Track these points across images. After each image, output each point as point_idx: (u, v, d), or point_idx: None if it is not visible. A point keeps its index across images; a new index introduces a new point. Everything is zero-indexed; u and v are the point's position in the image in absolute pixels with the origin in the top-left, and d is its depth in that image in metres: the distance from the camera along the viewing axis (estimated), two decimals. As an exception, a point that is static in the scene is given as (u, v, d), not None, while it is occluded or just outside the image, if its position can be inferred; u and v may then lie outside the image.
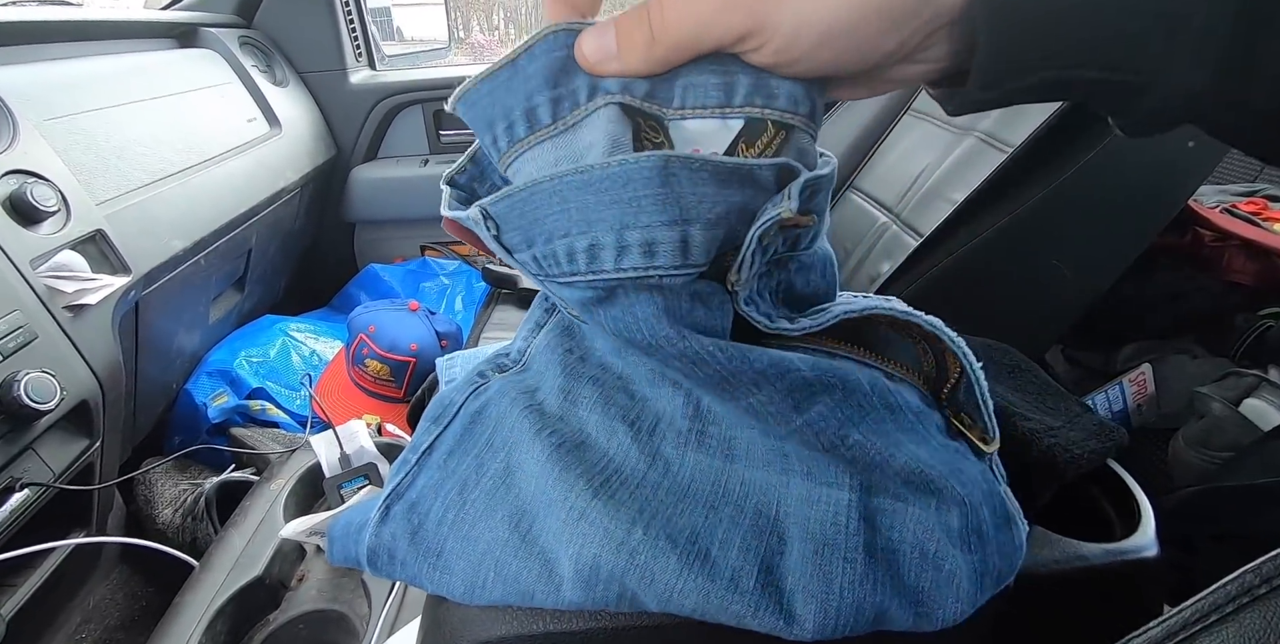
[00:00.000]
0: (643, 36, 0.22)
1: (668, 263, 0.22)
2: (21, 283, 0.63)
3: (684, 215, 0.22)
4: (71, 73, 0.86)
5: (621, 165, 0.22)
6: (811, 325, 0.25)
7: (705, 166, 0.22)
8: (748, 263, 0.23)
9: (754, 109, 0.23)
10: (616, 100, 0.23)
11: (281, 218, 1.18)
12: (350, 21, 1.36)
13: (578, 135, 0.24)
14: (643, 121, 0.23)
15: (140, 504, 0.92)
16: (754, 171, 0.22)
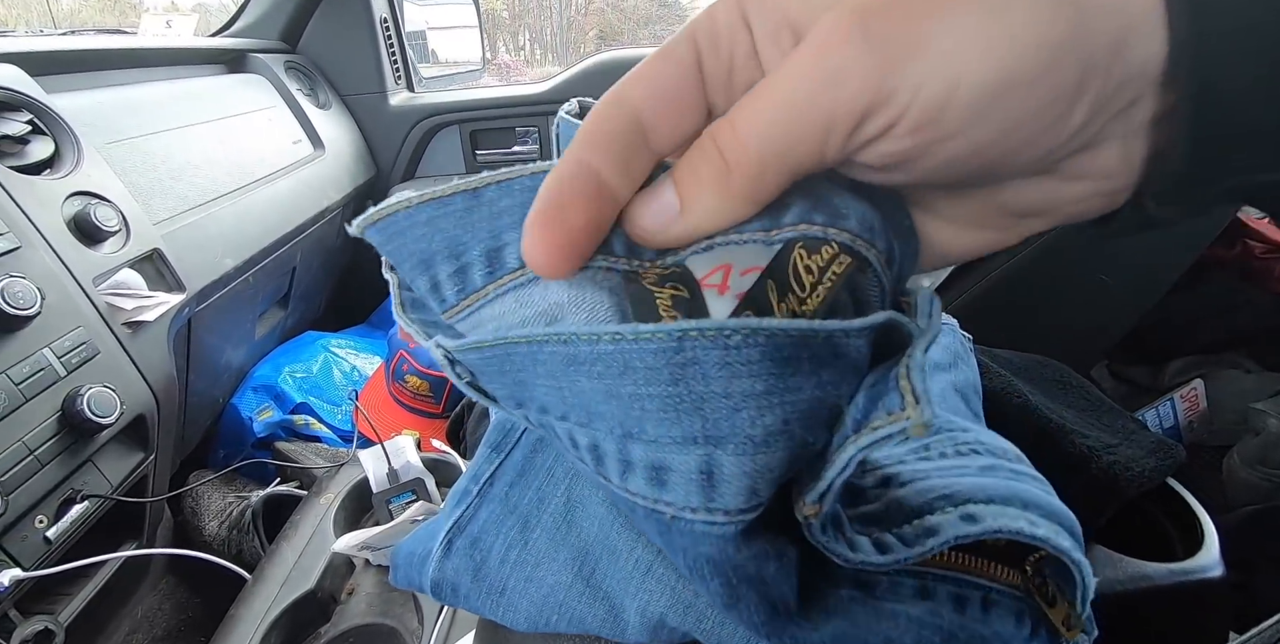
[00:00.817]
0: (712, 171, 0.15)
1: (681, 500, 0.16)
2: (85, 300, 0.66)
3: (708, 432, 0.14)
4: (129, 98, 0.89)
5: (616, 344, 0.14)
6: (907, 556, 0.18)
7: (753, 341, 0.13)
8: (835, 492, 0.15)
9: (812, 227, 0.15)
10: (620, 267, 0.16)
11: (324, 236, 1.21)
12: (390, 46, 1.40)
13: (548, 289, 0.17)
14: (648, 284, 0.16)
15: (187, 516, 0.94)
16: (835, 342, 0.14)
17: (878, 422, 0.14)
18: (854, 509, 0.19)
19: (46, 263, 0.63)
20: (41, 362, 0.59)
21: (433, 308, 0.19)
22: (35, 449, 0.57)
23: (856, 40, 0.13)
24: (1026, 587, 0.21)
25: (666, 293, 0.15)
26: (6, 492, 0.54)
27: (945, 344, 0.50)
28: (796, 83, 0.13)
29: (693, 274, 0.16)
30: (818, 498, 0.15)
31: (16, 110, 0.70)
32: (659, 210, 0.15)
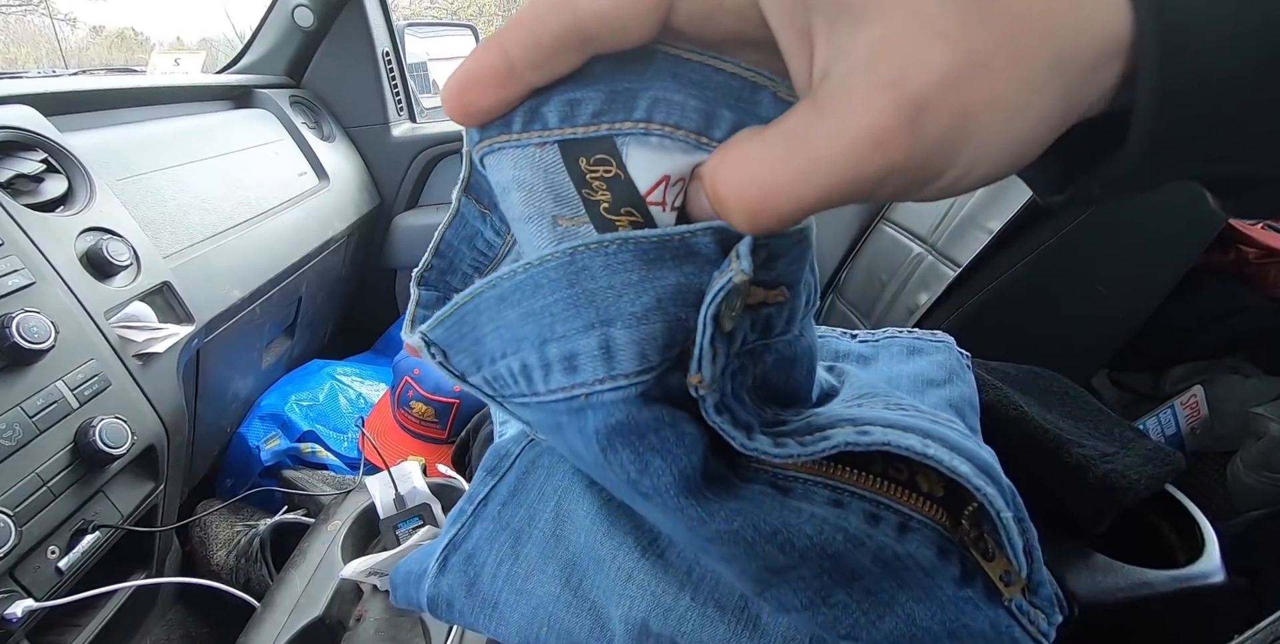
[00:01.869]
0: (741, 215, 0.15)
1: (590, 376, 0.19)
2: (97, 333, 0.67)
3: (601, 316, 0.18)
4: (140, 135, 0.92)
5: (527, 272, 0.18)
6: (801, 453, 0.20)
7: (625, 247, 0.18)
8: (708, 355, 0.18)
9: None
10: (554, 138, 0.18)
11: (330, 266, 1.23)
12: (392, 78, 1.43)
13: (500, 162, 0.19)
14: (586, 164, 0.18)
15: (195, 546, 0.94)
16: (689, 240, 0.18)
17: (717, 286, 0.17)
18: (773, 428, 0.21)
19: (60, 298, 0.64)
20: (55, 394, 0.61)
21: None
22: (49, 480, 0.58)
23: (905, 137, 0.14)
24: (962, 538, 0.23)
25: (625, 219, 0.19)
26: (21, 523, 0.55)
27: (940, 361, 0.50)
28: (840, 151, 0.14)
29: (638, 190, 0.18)
30: (697, 367, 0.18)
31: (32, 150, 0.73)
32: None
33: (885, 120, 0.13)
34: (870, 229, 1.21)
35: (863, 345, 0.55)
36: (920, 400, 0.45)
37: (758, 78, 0.18)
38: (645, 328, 0.18)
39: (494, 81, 0.17)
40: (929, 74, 0.13)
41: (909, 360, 0.52)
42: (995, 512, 0.21)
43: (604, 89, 0.18)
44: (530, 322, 0.19)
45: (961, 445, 0.22)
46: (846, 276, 1.24)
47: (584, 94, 0.18)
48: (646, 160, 0.18)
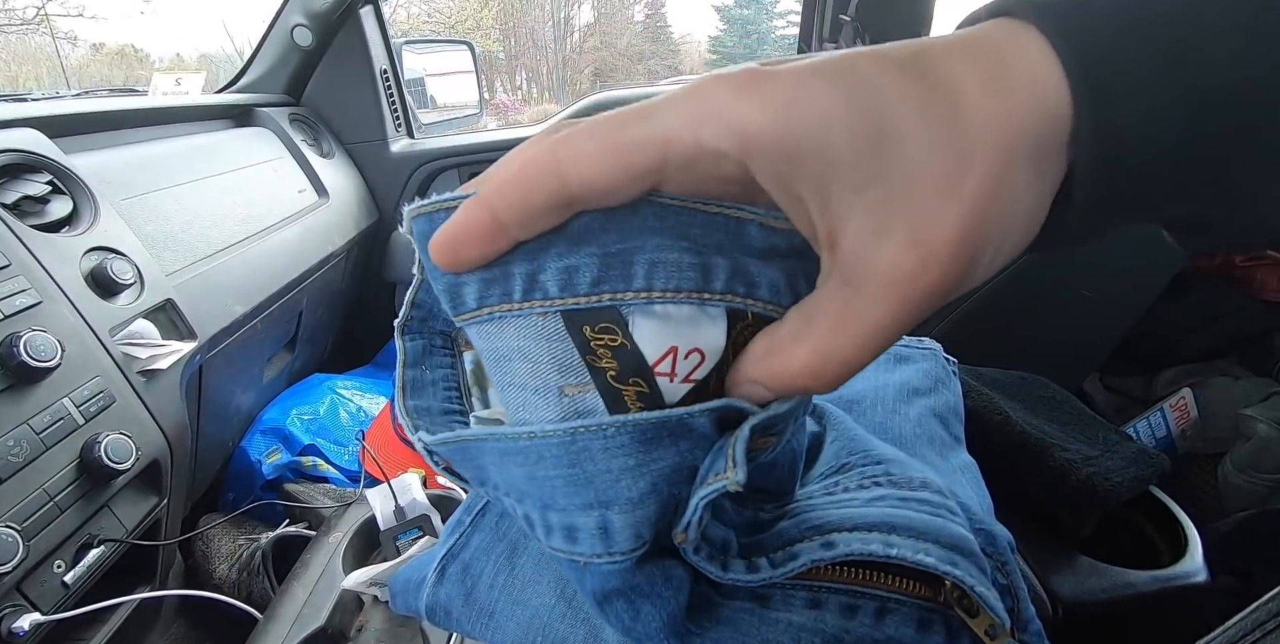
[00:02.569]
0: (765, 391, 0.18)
1: (588, 550, 0.20)
2: (102, 351, 0.68)
3: (600, 498, 0.19)
4: (143, 155, 0.94)
5: (531, 441, 0.19)
6: (772, 576, 0.22)
7: (624, 430, 0.18)
8: (695, 526, 0.19)
9: (735, 298, 0.19)
10: (556, 308, 0.18)
11: (329, 281, 1.24)
12: (390, 95, 1.45)
13: (503, 332, 0.19)
14: (590, 331, 0.19)
15: (198, 559, 0.95)
16: (687, 421, 0.18)
17: (710, 479, 0.18)
18: (750, 538, 0.23)
19: (66, 316, 0.66)
20: (61, 411, 0.62)
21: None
22: (55, 495, 0.59)
23: (941, 280, 0.15)
24: (946, 600, 0.24)
25: (631, 390, 0.19)
26: (28, 537, 0.56)
27: (926, 369, 0.52)
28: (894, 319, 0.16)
29: (645, 361, 0.19)
30: (683, 529, 0.19)
31: (38, 172, 0.74)
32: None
33: (925, 277, 0.15)
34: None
35: (850, 354, 0.57)
36: (905, 409, 0.47)
37: (740, 214, 0.18)
38: (641, 511, 0.19)
39: (481, 238, 0.18)
40: (946, 227, 0.14)
41: (896, 369, 0.53)
42: (969, 587, 0.22)
43: (597, 252, 0.18)
44: (533, 484, 0.20)
45: (927, 528, 0.23)
46: (840, 285, 1.26)
47: (579, 260, 0.18)
48: (652, 331, 0.19)
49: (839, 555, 0.22)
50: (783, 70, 0.15)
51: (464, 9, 15.43)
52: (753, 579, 0.22)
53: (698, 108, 0.15)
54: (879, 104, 0.14)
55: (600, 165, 0.16)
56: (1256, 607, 0.30)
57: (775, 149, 0.15)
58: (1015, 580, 0.25)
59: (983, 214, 0.14)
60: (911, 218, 0.14)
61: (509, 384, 0.20)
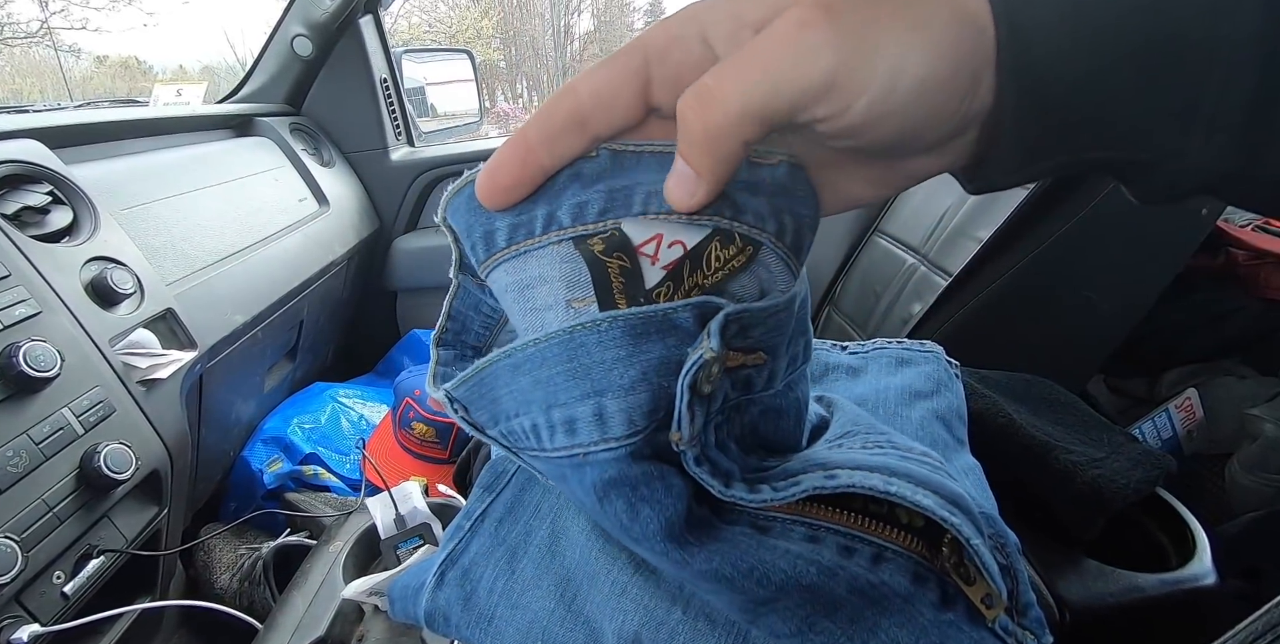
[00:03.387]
0: (699, 123, 0.18)
1: (587, 439, 0.22)
2: (102, 361, 0.68)
3: (595, 387, 0.21)
4: (143, 165, 0.94)
5: (536, 346, 0.21)
6: (774, 498, 0.23)
7: (615, 325, 0.20)
8: (685, 417, 0.20)
9: (722, 220, 0.21)
10: (569, 236, 0.22)
11: (330, 289, 1.24)
12: (390, 103, 1.46)
13: (526, 264, 0.23)
14: (599, 252, 0.22)
15: (199, 569, 0.94)
16: (671, 317, 0.21)
17: (689, 360, 0.20)
18: (754, 473, 0.24)
19: (66, 326, 0.66)
20: (60, 421, 0.62)
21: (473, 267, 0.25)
22: (54, 506, 0.59)
23: (826, 27, 0.17)
24: (942, 566, 0.24)
25: (615, 263, 0.22)
26: (27, 548, 0.56)
27: (928, 372, 0.51)
28: (778, 51, 0.17)
29: (631, 241, 0.22)
30: (677, 427, 0.21)
31: (38, 182, 0.74)
32: (679, 178, 0.20)
33: (808, 16, 0.17)
34: (864, 241, 1.22)
35: (852, 357, 0.56)
36: (907, 412, 0.46)
37: None
38: (632, 398, 0.21)
39: (514, 162, 0.21)
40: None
41: (897, 372, 0.53)
42: (965, 539, 0.22)
43: (604, 190, 0.21)
44: (539, 388, 0.22)
45: (928, 479, 0.23)
46: (841, 289, 1.25)
47: (589, 196, 0.22)
48: (642, 225, 0.22)
49: (841, 486, 0.22)
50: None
51: (464, 18, 15.52)
52: (754, 499, 0.22)
53: (669, 18, 0.19)
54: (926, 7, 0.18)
55: (599, 75, 0.20)
56: (1267, 609, 0.30)
57: (725, 14, 0.19)
58: (1014, 562, 0.25)
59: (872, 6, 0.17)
60: None
61: (529, 310, 0.23)
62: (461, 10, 15.84)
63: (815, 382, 0.53)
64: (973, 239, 0.94)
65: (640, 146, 0.21)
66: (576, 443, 0.22)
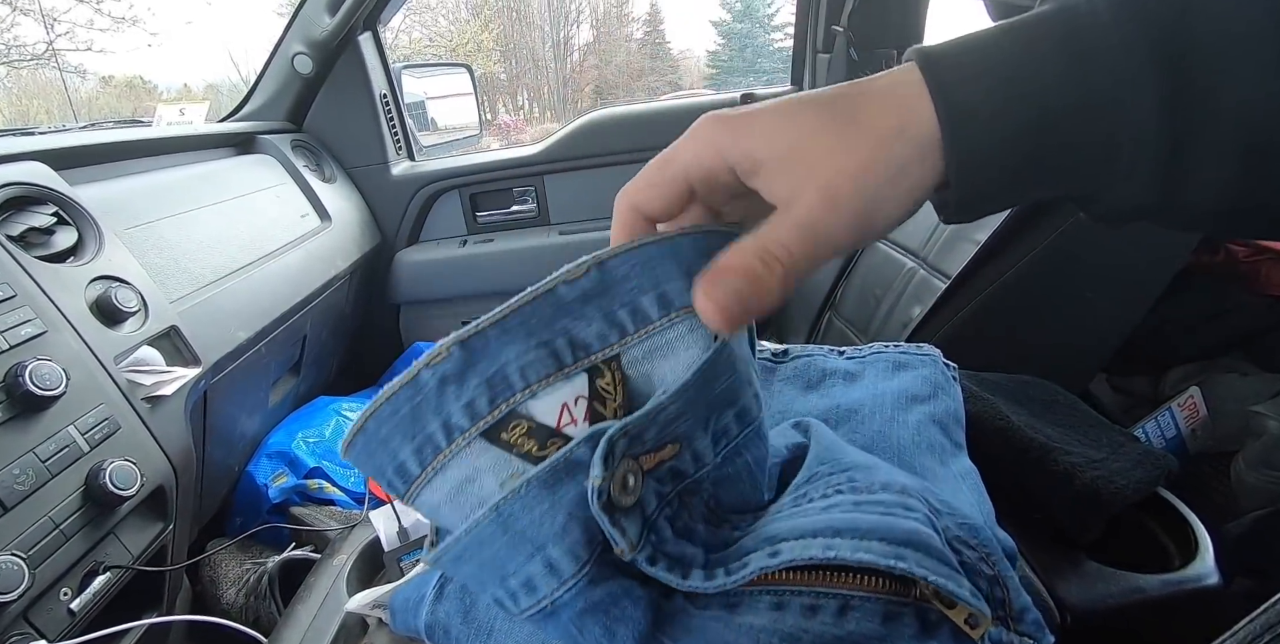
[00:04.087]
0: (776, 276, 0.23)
1: (546, 590, 0.24)
2: (107, 379, 0.69)
3: (535, 545, 0.23)
4: (147, 184, 0.95)
5: (469, 534, 0.23)
6: (728, 582, 0.24)
7: (531, 486, 0.23)
8: (615, 534, 0.23)
9: (582, 363, 0.25)
10: (476, 434, 0.24)
11: (333, 303, 1.25)
12: (390, 118, 1.48)
13: (446, 476, 0.25)
14: (506, 434, 0.24)
15: (205, 585, 0.95)
16: (571, 458, 0.23)
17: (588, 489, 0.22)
18: (719, 554, 0.26)
19: (71, 345, 0.66)
20: (66, 439, 0.62)
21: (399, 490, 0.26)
22: (60, 523, 0.60)
23: (840, 210, 0.23)
24: (920, 594, 0.25)
25: (552, 448, 0.24)
26: (34, 565, 0.56)
27: (925, 376, 0.51)
28: (815, 228, 0.23)
29: (550, 425, 0.25)
30: (615, 544, 0.23)
31: (43, 204, 0.75)
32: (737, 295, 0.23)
33: (825, 205, 0.23)
34: (864, 246, 1.22)
35: (849, 362, 0.56)
36: (904, 417, 0.47)
37: (542, 287, 0.24)
38: (569, 537, 0.23)
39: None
40: (834, 173, 0.22)
41: (894, 376, 0.53)
42: (922, 576, 0.23)
43: (479, 382, 0.24)
44: (487, 567, 0.24)
45: (874, 528, 0.24)
46: (842, 294, 1.26)
47: (471, 393, 0.24)
48: (545, 406, 0.25)
49: (784, 562, 0.24)
50: (746, 112, 0.24)
51: (464, 32, 15.66)
52: (709, 586, 0.24)
53: (700, 146, 0.24)
54: (805, 131, 0.23)
55: (657, 199, 0.25)
56: (1266, 608, 0.29)
57: (742, 151, 0.23)
58: (1002, 571, 0.25)
59: (861, 178, 0.22)
60: (820, 179, 0.23)
61: (466, 515, 0.24)
62: (461, 24, 15.98)
63: (813, 388, 0.53)
64: (971, 241, 0.94)
65: (479, 325, 0.24)
66: (540, 598, 0.24)
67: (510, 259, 1.49)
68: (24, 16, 8.99)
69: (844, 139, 0.23)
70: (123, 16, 9.33)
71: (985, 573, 0.27)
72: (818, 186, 0.22)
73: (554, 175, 1.51)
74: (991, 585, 0.27)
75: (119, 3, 9.28)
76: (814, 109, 0.23)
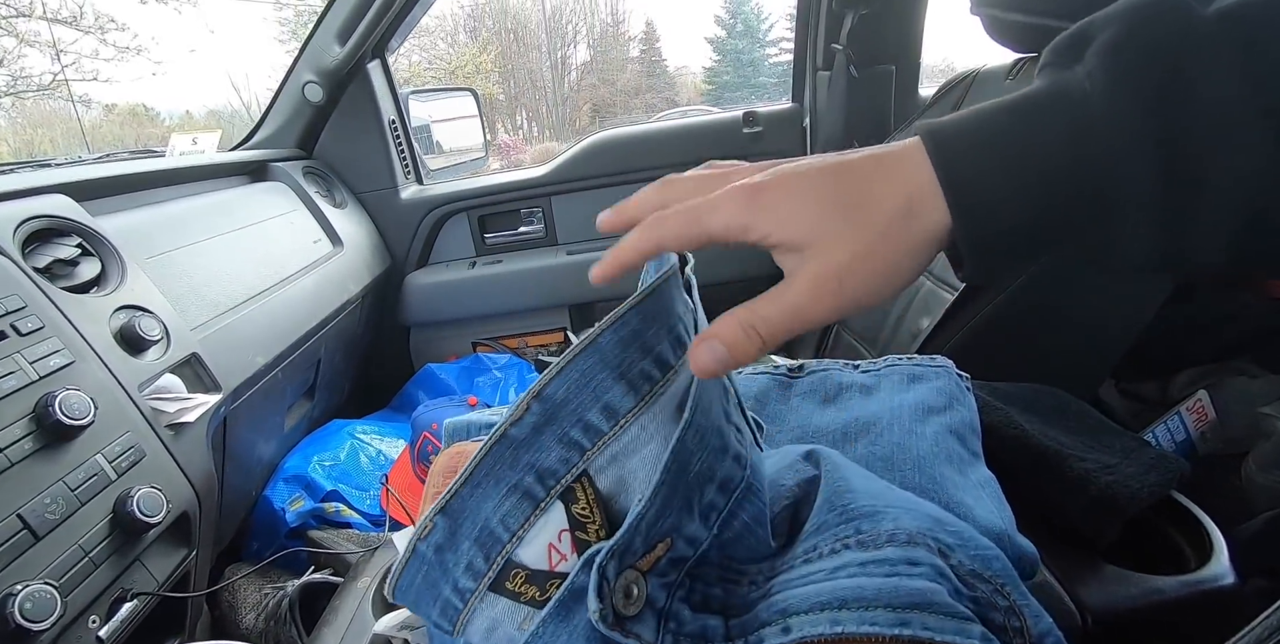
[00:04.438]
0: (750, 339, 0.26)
1: None
2: (131, 407, 0.70)
3: None
4: (165, 214, 0.97)
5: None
6: None
7: (546, 625, 0.25)
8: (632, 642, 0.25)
9: (555, 492, 0.27)
10: (485, 587, 0.28)
11: (346, 327, 1.27)
12: (398, 144, 1.50)
13: (475, 624, 0.28)
14: (509, 583, 0.28)
15: (224, 610, 0.95)
16: (573, 588, 0.25)
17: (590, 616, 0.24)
18: (737, 618, 0.28)
19: (97, 374, 0.68)
20: (95, 467, 0.63)
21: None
22: (90, 551, 0.61)
23: (824, 300, 0.26)
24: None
25: (552, 587, 0.27)
26: (65, 593, 0.57)
27: (940, 387, 0.52)
28: (800, 311, 0.26)
29: (543, 569, 0.27)
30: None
31: (67, 235, 0.77)
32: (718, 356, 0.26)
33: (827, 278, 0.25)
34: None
35: (864, 376, 0.58)
36: (921, 429, 0.48)
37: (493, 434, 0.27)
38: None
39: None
40: (833, 266, 0.25)
41: (909, 388, 0.54)
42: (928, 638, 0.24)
43: (471, 542, 0.27)
44: None
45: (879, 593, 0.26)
46: (849, 307, 1.26)
47: (468, 555, 0.27)
48: (534, 551, 0.27)
49: (794, 640, 0.26)
50: (769, 190, 0.26)
51: (463, 54, 15.86)
52: None
53: (728, 219, 0.26)
54: (817, 217, 0.25)
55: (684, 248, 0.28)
56: (1275, 608, 0.30)
57: (760, 233, 0.26)
58: (1018, 600, 0.27)
59: (860, 268, 0.25)
60: (818, 268, 0.25)
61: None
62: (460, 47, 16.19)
63: (830, 402, 0.54)
64: (974, 253, 0.95)
65: (452, 489, 0.27)
66: None
67: (519, 279, 1.50)
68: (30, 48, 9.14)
69: (851, 224, 0.25)
70: (127, 46, 9.49)
71: (1000, 605, 0.28)
72: (814, 275, 0.25)
73: (561, 196, 1.54)
74: (1007, 616, 0.27)
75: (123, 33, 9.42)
76: (828, 190, 0.25)
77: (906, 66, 1.43)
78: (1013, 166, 0.23)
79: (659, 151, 1.50)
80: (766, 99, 2.52)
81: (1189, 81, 0.22)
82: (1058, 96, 0.24)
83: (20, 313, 0.65)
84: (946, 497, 0.40)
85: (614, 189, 1.51)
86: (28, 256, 0.72)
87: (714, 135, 1.52)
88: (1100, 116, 0.23)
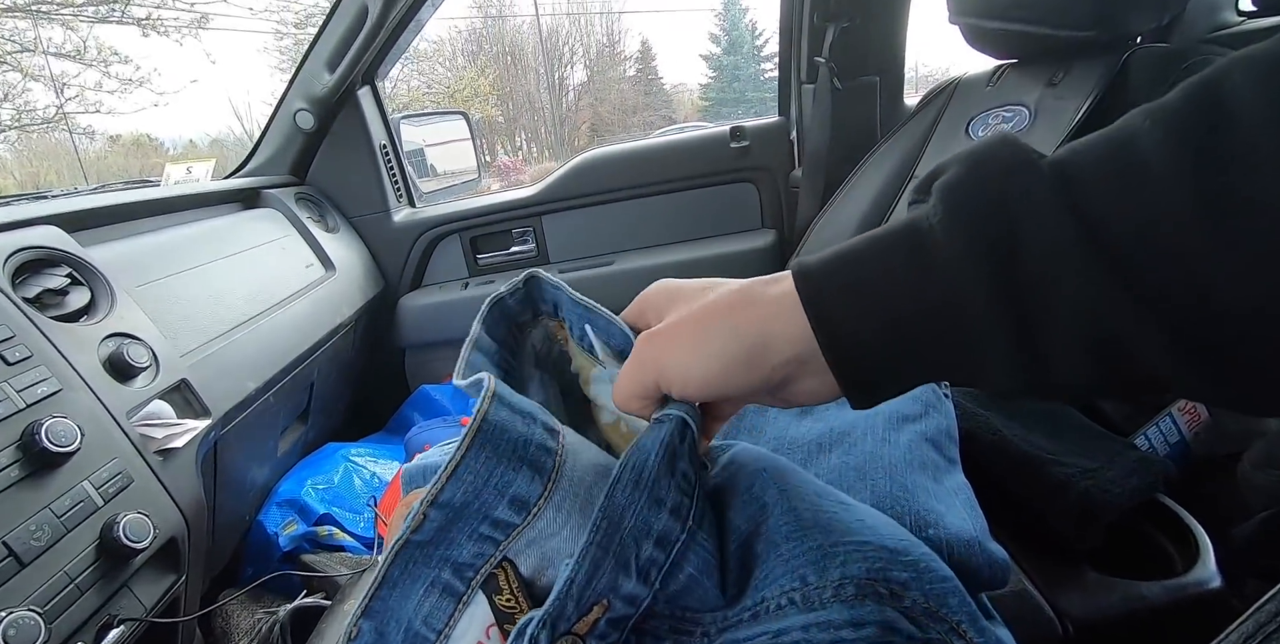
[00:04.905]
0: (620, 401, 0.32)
1: None
2: (119, 433, 0.70)
3: None
4: (156, 243, 0.98)
5: None
6: None
7: None
8: None
9: (475, 583, 0.28)
10: None
11: (339, 351, 1.27)
12: (390, 168, 1.52)
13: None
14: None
15: (217, 635, 0.94)
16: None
17: None
18: None
19: (85, 402, 0.68)
20: (81, 494, 0.63)
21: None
22: (75, 577, 0.61)
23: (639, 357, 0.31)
24: None
25: None
26: (50, 620, 0.57)
27: (915, 395, 0.52)
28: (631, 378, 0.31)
29: None
30: None
31: (57, 265, 0.78)
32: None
33: (637, 352, 0.31)
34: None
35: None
36: (895, 437, 0.47)
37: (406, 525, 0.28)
38: None
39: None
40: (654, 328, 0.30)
41: (885, 396, 0.54)
42: None
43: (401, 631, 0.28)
44: None
45: None
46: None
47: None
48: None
49: None
50: (669, 339, 0.30)
51: (461, 78, 16.08)
52: None
53: (643, 374, 0.30)
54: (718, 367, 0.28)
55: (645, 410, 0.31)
56: (1256, 608, 0.30)
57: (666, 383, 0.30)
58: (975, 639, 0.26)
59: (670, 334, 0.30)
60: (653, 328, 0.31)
61: None
62: (458, 71, 16.42)
63: (806, 412, 0.55)
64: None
65: (369, 592, 0.27)
66: None
67: (512, 298, 1.51)
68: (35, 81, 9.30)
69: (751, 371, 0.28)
70: (130, 78, 9.66)
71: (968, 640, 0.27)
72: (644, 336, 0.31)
73: (551, 215, 1.55)
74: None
75: (126, 65, 9.59)
76: (722, 340, 0.28)
77: (890, 77, 1.44)
78: (872, 308, 0.25)
79: (648, 168, 1.52)
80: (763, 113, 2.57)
81: (1016, 219, 0.22)
82: (907, 232, 0.25)
83: (8, 343, 0.65)
84: (918, 505, 0.40)
85: (604, 206, 1.52)
86: (17, 287, 0.73)
87: (702, 150, 1.53)
88: (941, 257, 0.24)
